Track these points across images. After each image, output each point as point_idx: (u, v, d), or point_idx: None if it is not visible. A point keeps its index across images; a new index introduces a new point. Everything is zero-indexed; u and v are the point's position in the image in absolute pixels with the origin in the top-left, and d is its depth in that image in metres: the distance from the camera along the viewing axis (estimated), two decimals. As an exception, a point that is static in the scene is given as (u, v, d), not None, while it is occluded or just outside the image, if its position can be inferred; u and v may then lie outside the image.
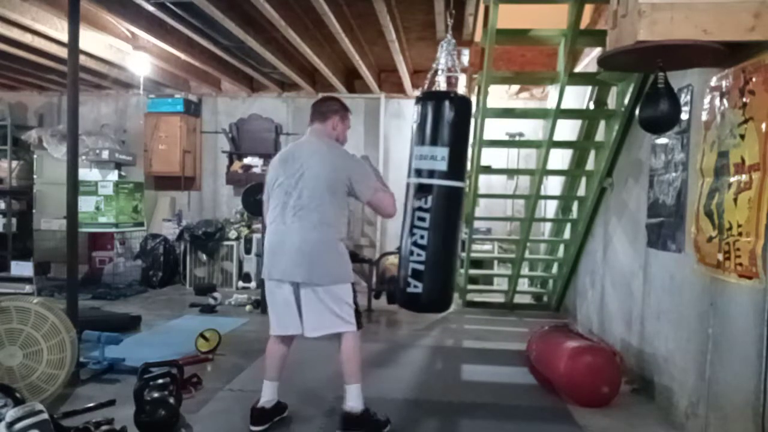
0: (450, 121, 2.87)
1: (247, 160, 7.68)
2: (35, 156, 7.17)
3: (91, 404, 3.10)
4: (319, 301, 2.82)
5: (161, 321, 5.25)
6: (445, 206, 2.89)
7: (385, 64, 6.68)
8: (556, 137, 4.70)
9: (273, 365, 2.98)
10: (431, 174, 2.90)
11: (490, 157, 6.13)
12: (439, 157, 2.87)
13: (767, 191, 2.25)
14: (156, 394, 2.86)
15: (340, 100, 3.16)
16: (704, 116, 2.83)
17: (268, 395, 2.97)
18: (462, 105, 2.94)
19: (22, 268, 6.15)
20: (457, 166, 2.91)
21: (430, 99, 2.99)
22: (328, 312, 2.83)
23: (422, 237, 2.87)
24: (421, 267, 2.89)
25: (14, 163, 7.33)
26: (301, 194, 2.84)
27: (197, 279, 7.07)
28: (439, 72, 3.23)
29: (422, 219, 2.88)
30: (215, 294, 6.14)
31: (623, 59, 2.60)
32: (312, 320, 2.85)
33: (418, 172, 2.96)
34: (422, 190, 2.91)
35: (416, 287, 2.90)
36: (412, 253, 2.91)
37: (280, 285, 2.87)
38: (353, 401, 2.87)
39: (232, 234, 7.06)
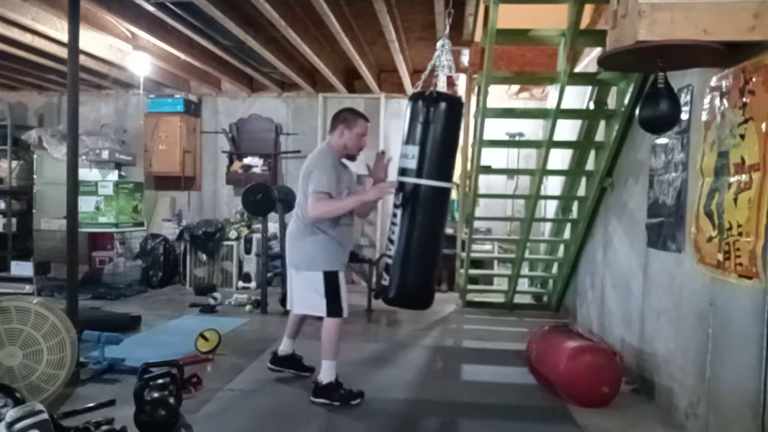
0: (423, 120, 2.88)
1: (247, 160, 7.68)
2: (35, 156, 7.17)
3: (91, 404, 3.09)
4: (299, 284, 3.38)
5: (161, 321, 5.25)
6: (417, 203, 2.92)
7: (385, 64, 6.68)
8: (556, 137, 4.70)
9: (289, 325, 3.71)
10: (404, 172, 2.97)
11: (490, 157, 6.13)
12: (410, 155, 2.92)
13: (767, 191, 2.25)
14: (156, 394, 2.86)
15: (352, 109, 3.52)
16: (704, 116, 2.83)
17: (283, 345, 3.72)
18: (436, 103, 2.89)
19: (22, 268, 6.15)
20: (429, 164, 2.90)
21: (409, 99, 3.03)
22: (296, 293, 3.41)
23: (393, 232, 2.98)
24: (389, 261, 3.00)
25: (14, 163, 7.33)
26: (290, 202, 3.58)
27: (197, 279, 7.07)
28: (429, 72, 3.23)
29: (395, 215, 2.98)
30: (215, 294, 6.13)
31: (623, 59, 2.60)
32: (294, 300, 3.46)
33: (399, 171, 3.03)
34: (399, 188, 2.99)
35: (385, 280, 3.02)
36: (385, 247, 3.06)
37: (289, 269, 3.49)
38: (323, 374, 3.29)
39: (232, 234, 7.06)
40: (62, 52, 4.56)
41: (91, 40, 5.38)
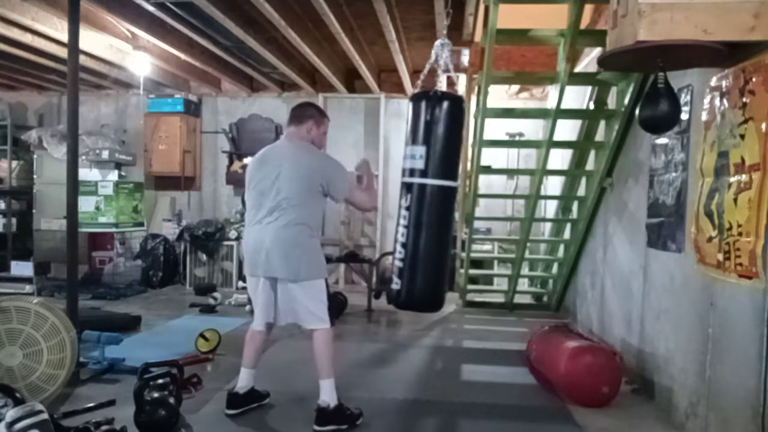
0: (427, 120, 2.86)
1: (247, 160, 7.65)
2: (35, 156, 7.17)
3: (91, 404, 3.09)
4: (293, 296, 3.00)
5: (161, 321, 5.25)
6: (426, 204, 2.88)
7: (385, 64, 6.68)
8: (556, 137, 4.70)
9: (250, 354, 3.19)
10: (412, 173, 2.91)
11: (490, 157, 6.13)
12: (417, 155, 2.88)
13: (767, 191, 2.25)
14: (156, 394, 2.87)
15: (317, 106, 3.31)
16: (704, 116, 2.83)
17: (243, 381, 3.16)
18: (440, 102, 2.88)
19: (22, 268, 6.15)
20: (436, 164, 2.87)
21: (411, 100, 3.00)
22: (300, 306, 3.01)
23: (403, 235, 2.90)
24: (401, 264, 2.92)
25: (14, 163, 7.33)
26: (277, 195, 2.96)
27: (197, 279, 7.07)
28: (428, 72, 3.23)
29: (404, 217, 2.91)
30: (215, 294, 6.13)
31: (623, 59, 2.60)
32: (286, 312, 3.06)
33: (403, 172, 2.99)
34: (405, 189, 2.94)
35: (396, 284, 2.93)
36: (395, 250, 2.96)
37: (262, 281, 3.04)
38: (326, 396, 2.98)
39: (232, 234, 7.06)
40: (62, 52, 4.56)
41: (91, 40, 5.38)
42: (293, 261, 2.95)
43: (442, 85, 3.12)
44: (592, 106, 4.89)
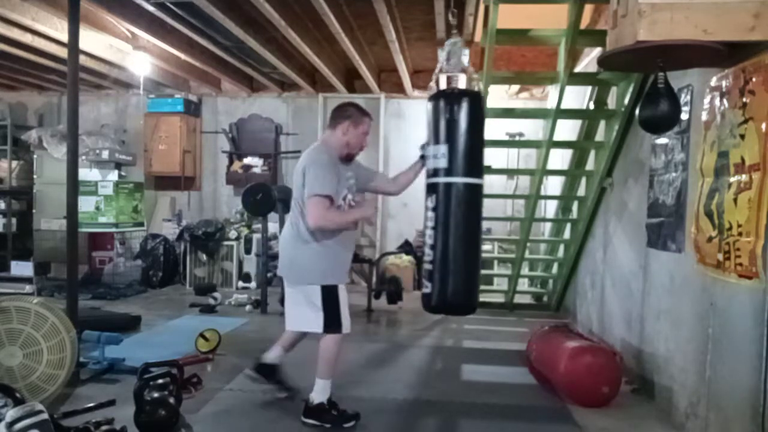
0: (447, 117, 2.81)
1: (247, 160, 7.68)
2: (35, 156, 7.17)
3: (91, 404, 3.09)
4: (293, 298, 3.07)
5: (161, 321, 5.25)
6: (452, 204, 2.81)
7: (385, 64, 6.68)
8: (556, 137, 4.70)
9: (285, 336, 3.28)
10: (435, 172, 2.85)
11: (490, 157, 6.10)
12: (440, 154, 2.81)
13: (767, 191, 2.25)
14: (156, 394, 2.86)
15: (357, 105, 3.15)
16: (704, 116, 2.83)
17: (272, 352, 3.27)
18: (459, 100, 2.84)
19: (22, 268, 6.14)
20: (460, 162, 2.81)
21: (430, 99, 2.95)
22: (298, 310, 3.06)
23: (431, 237, 2.84)
24: (430, 267, 2.85)
25: (14, 163, 7.34)
26: (290, 202, 3.13)
27: (197, 279, 7.07)
28: (443, 71, 3.21)
29: (430, 219, 2.84)
30: (215, 294, 6.13)
31: (623, 59, 2.60)
32: (288, 315, 3.14)
33: (428, 173, 2.93)
34: (430, 190, 2.88)
35: (427, 288, 2.86)
36: (424, 253, 2.89)
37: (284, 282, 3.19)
38: (314, 393, 3.03)
39: (232, 234, 7.06)
40: (62, 52, 4.56)
41: (91, 40, 5.38)
42: (285, 262, 3.07)
43: (459, 83, 3.10)
44: (592, 106, 4.89)
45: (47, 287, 6.23)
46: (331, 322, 2.96)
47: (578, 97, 5.30)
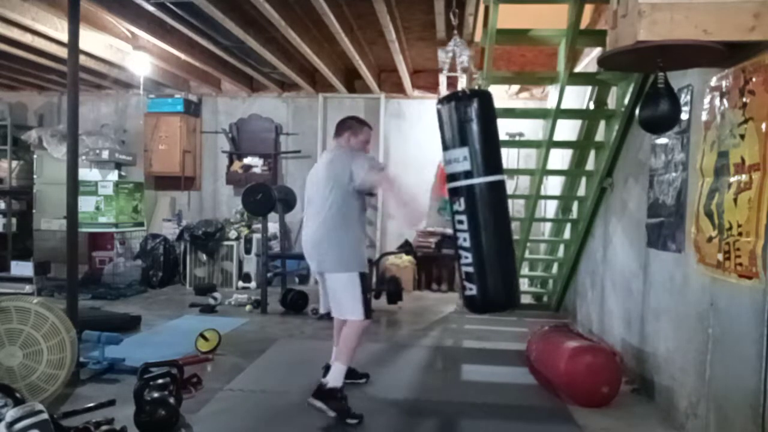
0: (463, 119, 2.82)
1: (247, 160, 7.69)
2: (35, 156, 7.17)
3: (91, 404, 3.09)
4: (328, 286, 3.32)
5: (161, 321, 5.25)
6: (480, 204, 2.83)
7: (385, 64, 6.68)
8: (556, 137, 4.70)
9: (337, 333, 3.50)
10: (457, 176, 2.86)
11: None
12: (461, 157, 2.83)
13: (767, 191, 2.25)
14: (156, 394, 2.87)
15: (357, 117, 3.60)
16: (704, 116, 2.83)
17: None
18: (470, 100, 2.84)
19: (22, 268, 6.16)
20: (480, 161, 2.83)
21: (440, 103, 2.95)
22: (332, 296, 3.31)
23: (465, 239, 2.86)
24: (470, 269, 2.86)
25: (14, 163, 7.33)
26: (312, 201, 3.35)
27: (197, 279, 7.07)
28: (448, 69, 3.25)
29: (460, 222, 2.86)
30: (215, 294, 6.13)
31: (623, 59, 2.60)
32: (333, 304, 3.35)
33: (449, 177, 2.94)
34: (454, 194, 2.89)
35: (471, 289, 2.88)
36: (460, 257, 2.91)
37: (317, 274, 3.44)
38: (331, 376, 3.14)
39: (232, 234, 7.06)
40: (62, 52, 4.56)
41: (91, 40, 5.38)
42: (323, 254, 3.27)
43: (464, 83, 3.10)
44: (592, 106, 4.88)
45: (47, 287, 6.23)
46: (366, 309, 3.23)
47: (578, 97, 5.30)
